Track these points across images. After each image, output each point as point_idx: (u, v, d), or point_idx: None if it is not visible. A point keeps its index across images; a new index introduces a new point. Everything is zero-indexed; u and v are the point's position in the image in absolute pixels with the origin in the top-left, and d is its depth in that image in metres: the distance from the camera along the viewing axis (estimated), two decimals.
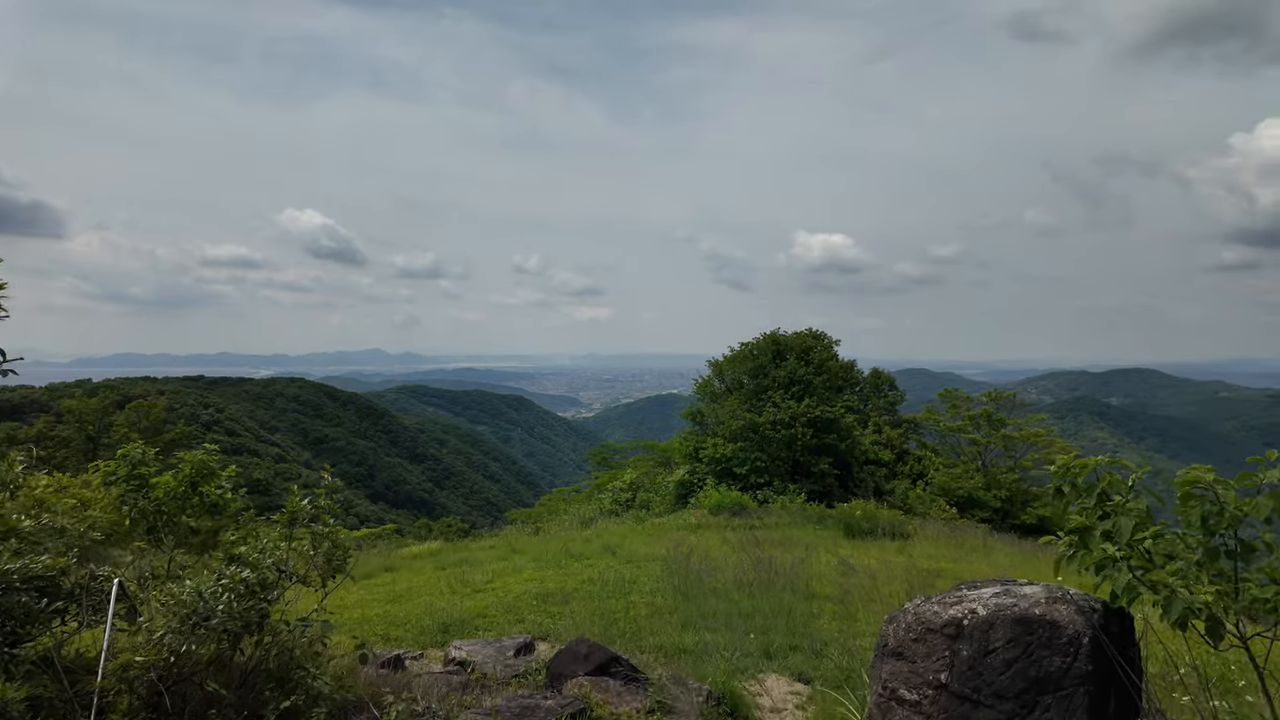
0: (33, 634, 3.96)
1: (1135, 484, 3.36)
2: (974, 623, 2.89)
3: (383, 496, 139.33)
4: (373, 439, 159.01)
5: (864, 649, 7.47)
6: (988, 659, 2.80)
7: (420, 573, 15.47)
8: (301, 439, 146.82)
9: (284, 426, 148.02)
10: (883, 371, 38.38)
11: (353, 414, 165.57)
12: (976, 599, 2.99)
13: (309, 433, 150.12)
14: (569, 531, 22.40)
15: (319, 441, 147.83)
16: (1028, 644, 2.76)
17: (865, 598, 10.40)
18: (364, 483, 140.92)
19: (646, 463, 34.99)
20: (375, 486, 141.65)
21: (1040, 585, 3.03)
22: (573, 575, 13.01)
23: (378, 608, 11.66)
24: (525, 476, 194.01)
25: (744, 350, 27.80)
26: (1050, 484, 3.45)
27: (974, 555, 16.95)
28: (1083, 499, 3.46)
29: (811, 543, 17.06)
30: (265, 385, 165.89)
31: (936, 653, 2.94)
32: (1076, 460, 3.46)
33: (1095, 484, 3.46)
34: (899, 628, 3.21)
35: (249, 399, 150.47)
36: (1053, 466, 3.44)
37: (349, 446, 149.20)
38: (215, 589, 3.92)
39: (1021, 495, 33.76)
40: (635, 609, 9.84)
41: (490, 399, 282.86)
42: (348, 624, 10.53)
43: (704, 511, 21.92)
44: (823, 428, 25.06)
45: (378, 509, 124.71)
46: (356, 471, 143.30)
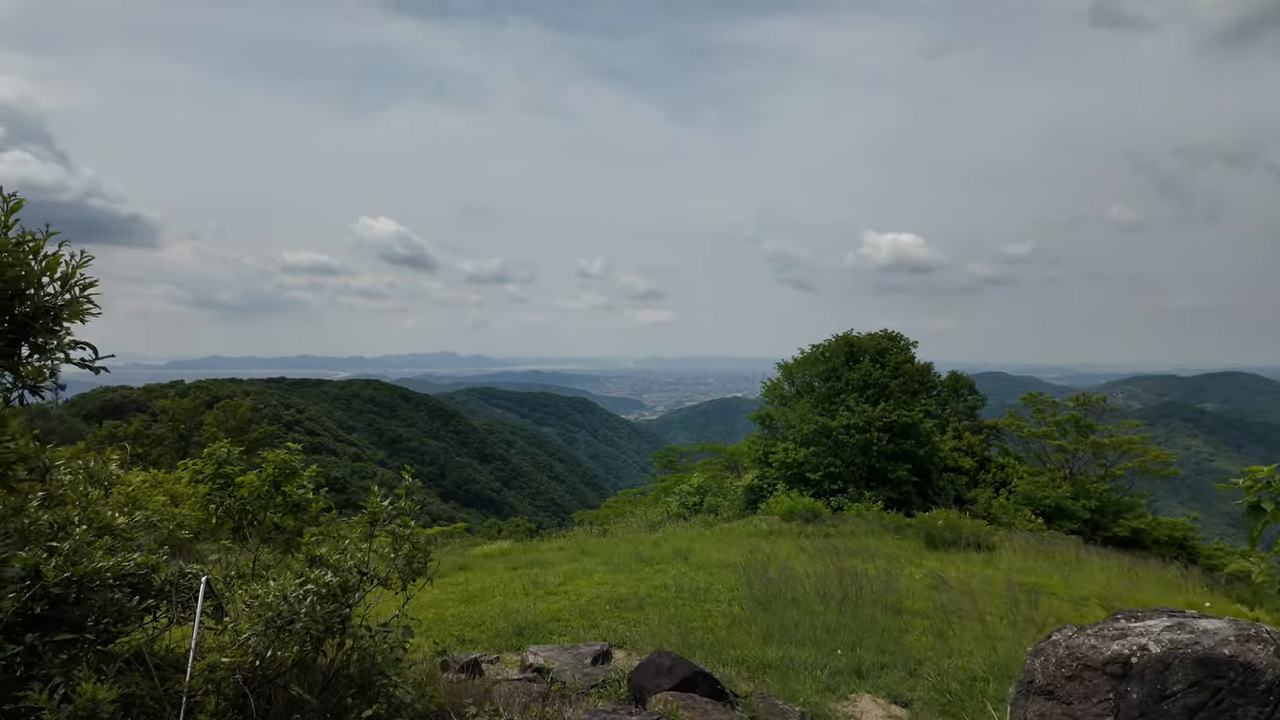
0: (125, 631, 3.94)
1: None
2: (1145, 661, 2.47)
3: (453, 495, 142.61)
4: (444, 439, 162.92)
5: (960, 669, 6.97)
6: (1164, 705, 2.37)
7: (493, 573, 15.52)
8: (377, 439, 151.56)
9: (360, 426, 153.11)
10: (961, 375, 36.86)
11: (425, 415, 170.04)
12: (1145, 633, 2.56)
13: (384, 433, 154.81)
14: (637, 535, 22.19)
15: (393, 441, 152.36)
16: (1215, 689, 2.33)
17: (959, 614, 9.80)
18: (435, 482, 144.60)
19: (713, 466, 34.52)
20: (446, 485, 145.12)
21: (1225, 620, 2.58)
22: (644, 580, 12.77)
23: (453, 608, 11.67)
24: (590, 478, 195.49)
25: (815, 352, 27.04)
26: (1245, 498, 2.97)
27: (1071, 569, 15.92)
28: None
29: (892, 553, 16.37)
30: (343, 387, 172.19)
31: (1097, 694, 2.53)
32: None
33: None
34: (1049, 662, 2.80)
35: (328, 400, 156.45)
36: (1241, 481, 2.96)
37: (421, 446, 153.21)
38: (299, 592, 3.82)
39: (1113, 506, 31.78)
40: (711, 618, 9.52)
41: (555, 401, 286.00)
42: (424, 624, 10.56)
43: (775, 518, 21.36)
44: (900, 433, 24.10)
45: (449, 508, 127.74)
46: (428, 471, 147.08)
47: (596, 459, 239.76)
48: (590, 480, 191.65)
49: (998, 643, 8.62)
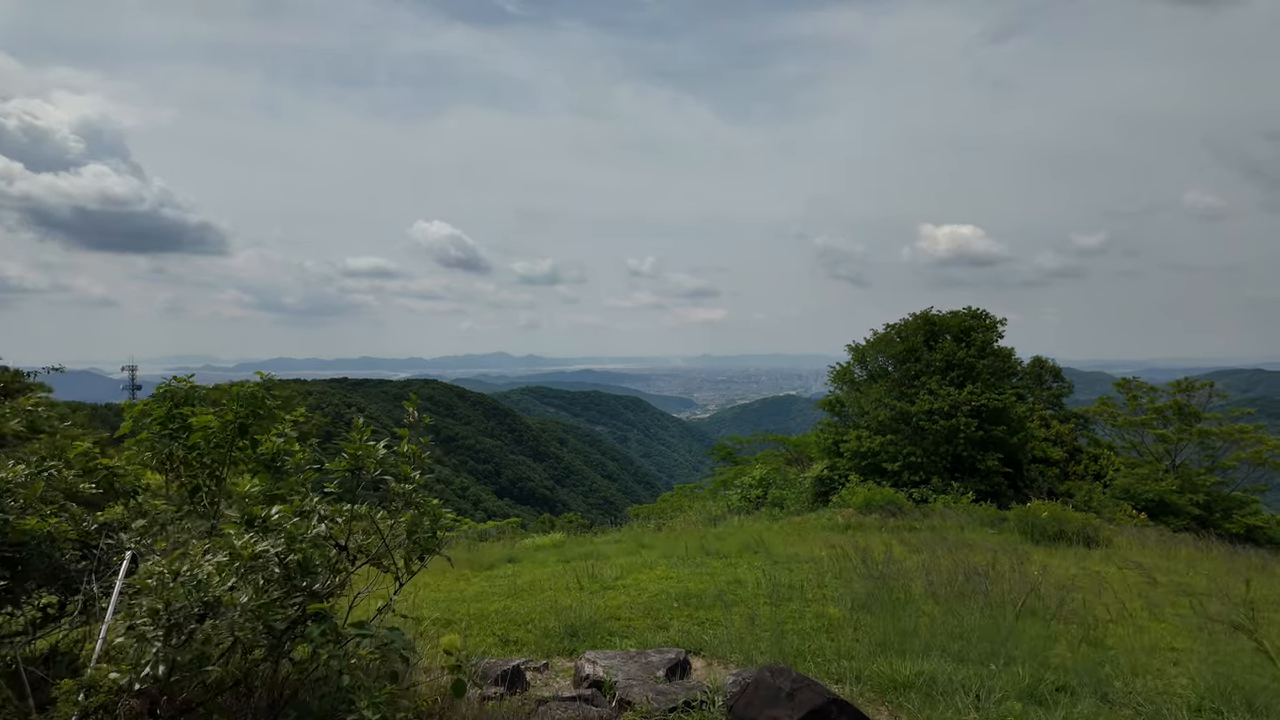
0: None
1: None
2: None
3: (508, 493, 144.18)
4: (499, 438, 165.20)
5: (1161, 693, 5.19)
6: None
7: (543, 565, 14.17)
8: (434, 437, 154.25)
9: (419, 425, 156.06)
10: (1046, 360, 34.06)
11: (480, 414, 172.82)
12: None
13: (441, 431, 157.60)
14: (697, 528, 20.64)
15: (450, 439, 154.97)
16: None
17: (1102, 618, 7.92)
18: (490, 479, 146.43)
19: (775, 459, 32.58)
20: (501, 483, 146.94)
21: None
22: (713, 575, 11.15)
23: (497, 602, 10.30)
24: (642, 476, 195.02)
25: (889, 332, 24.87)
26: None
27: (1200, 566, 13.65)
28: None
29: (990, 548, 14.36)
30: (402, 386, 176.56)
31: None
32: None
33: None
34: None
35: (388, 399, 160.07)
36: None
37: (477, 445, 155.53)
38: (218, 573, 2.36)
39: (1223, 501, 28.71)
40: (804, 620, 7.85)
41: (607, 400, 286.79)
42: (463, 620, 9.21)
43: (851, 510, 19.45)
44: (989, 418, 21.80)
45: (503, 504, 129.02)
46: (484, 469, 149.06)
47: (649, 457, 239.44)
48: (643, 479, 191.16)
49: (1177, 654, 6.75)
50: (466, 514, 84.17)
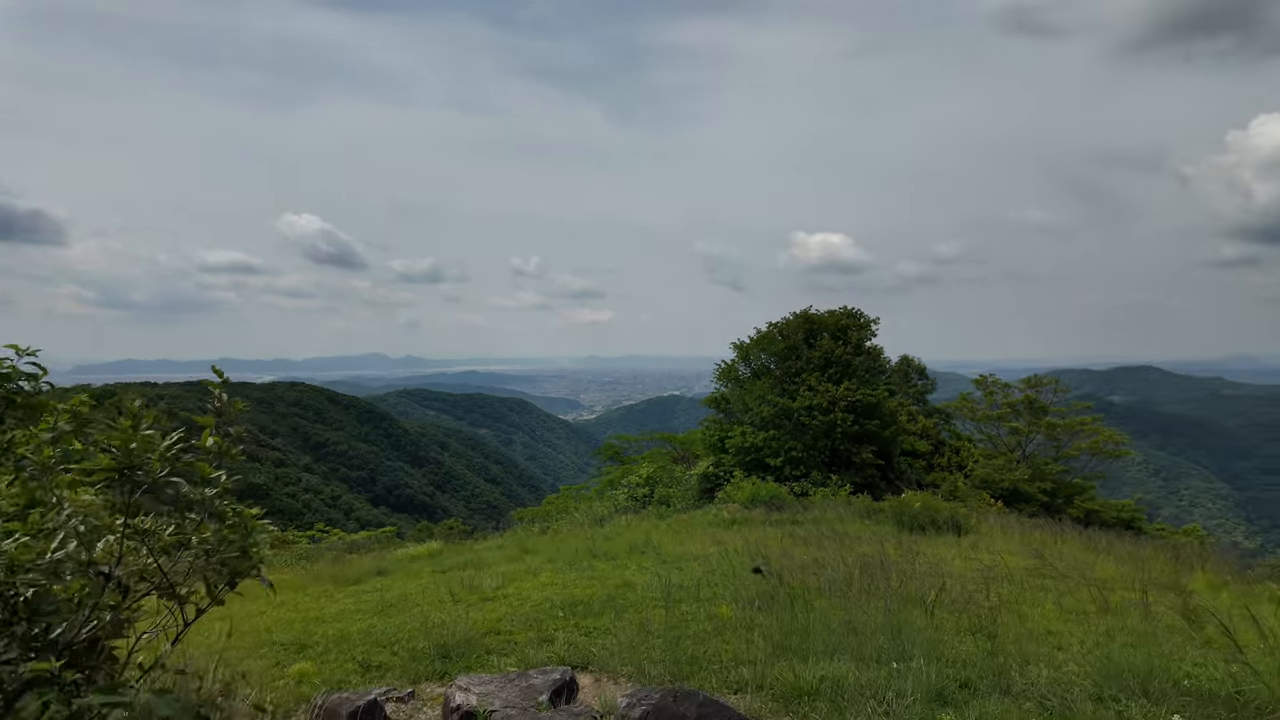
0: None
1: None
2: None
3: (384, 500, 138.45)
4: (374, 443, 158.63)
5: (1055, 681, 5.12)
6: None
7: (417, 577, 13.16)
8: (302, 443, 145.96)
9: (284, 431, 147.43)
10: (912, 358, 36.00)
11: (354, 418, 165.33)
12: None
13: (310, 437, 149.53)
14: (584, 530, 20.08)
15: (320, 446, 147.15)
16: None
17: (986, 605, 8.02)
18: (365, 487, 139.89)
19: (661, 457, 32.55)
20: (376, 490, 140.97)
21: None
22: (602, 579, 10.61)
23: (361, 621, 9.31)
24: (527, 479, 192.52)
25: (772, 330, 25.34)
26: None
27: (1064, 550, 14.54)
28: None
29: (869, 538, 14.68)
30: (266, 390, 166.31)
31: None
32: None
33: None
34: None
35: (249, 403, 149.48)
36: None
37: (350, 451, 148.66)
38: None
39: (1066, 488, 31.35)
40: (697, 623, 7.44)
41: (491, 402, 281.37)
42: (320, 643, 8.19)
43: (736, 506, 19.50)
44: (864, 413, 22.59)
45: (379, 513, 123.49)
46: (357, 476, 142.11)
47: (534, 460, 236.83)
48: (528, 482, 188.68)
49: (1057, 639, 6.86)
50: (337, 524, 79.45)
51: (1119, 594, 9.06)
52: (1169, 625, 6.54)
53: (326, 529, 42.26)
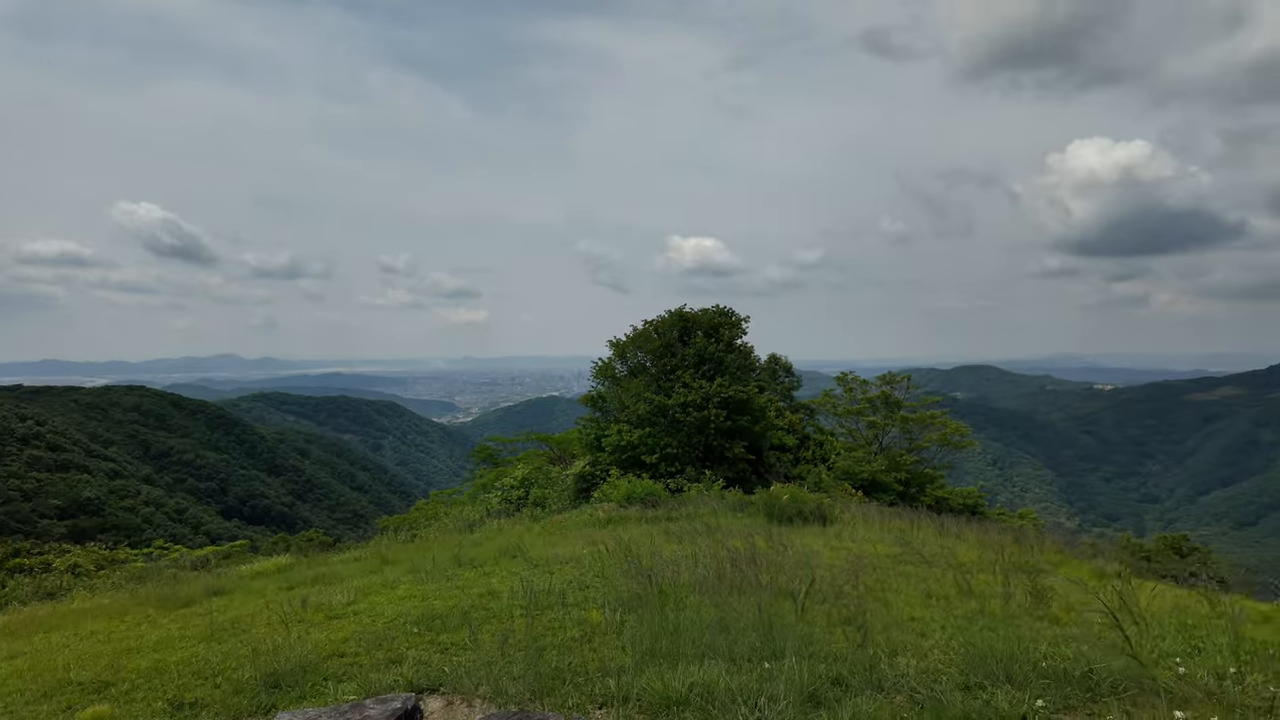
0: None
1: None
2: None
3: (237, 512, 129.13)
4: (226, 451, 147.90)
5: (923, 671, 5.08)
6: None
7: (259, 595, 11.88)
8: (142, 453, 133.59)
9: (121, 439, 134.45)
10: (780, 357, 37.24)
11: (202, 424, 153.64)
12: None
13: (151, 445, 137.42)
14: (452, 536, 19.15)
15: (162, 455, 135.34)
16: None
17: (851, 594, 8.10)
18: (215, 498, 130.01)
19: (538, 458, 31.83)
20: (228, 502, 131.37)
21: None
22: (466, 589, 9.93)
23: (183, 650, 8.18)
24: (398, 486, 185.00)
25: (648, 328, 25.33)
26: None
27: (922, 536, 15.29)
28: None
29: (741, 531, 14.80)
30: (99, 395, 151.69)
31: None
32: None
33: None
34: None
35: (78, 410, 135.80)
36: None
37: (198, 460, 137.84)
38: None
39: (919, 478, 33.48)
40: (565, 630, 6.98)
41: (358, 406, 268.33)
42: (129, 679, 7.07)
43: (612, 504, 19.22)
44: (736, 409, 22.98)
45: (231, 526, 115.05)
46: (207, 486, 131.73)
47: (406, 465, 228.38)
48: (399, 488, 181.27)
49: (920, 625, 6.96)
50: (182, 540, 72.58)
51: (975, 577, 9.47)
52: (1020, 605, 6.80)
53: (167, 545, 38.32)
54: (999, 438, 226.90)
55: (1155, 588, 8.81)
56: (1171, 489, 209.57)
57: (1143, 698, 4.12)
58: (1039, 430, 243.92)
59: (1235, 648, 5.14)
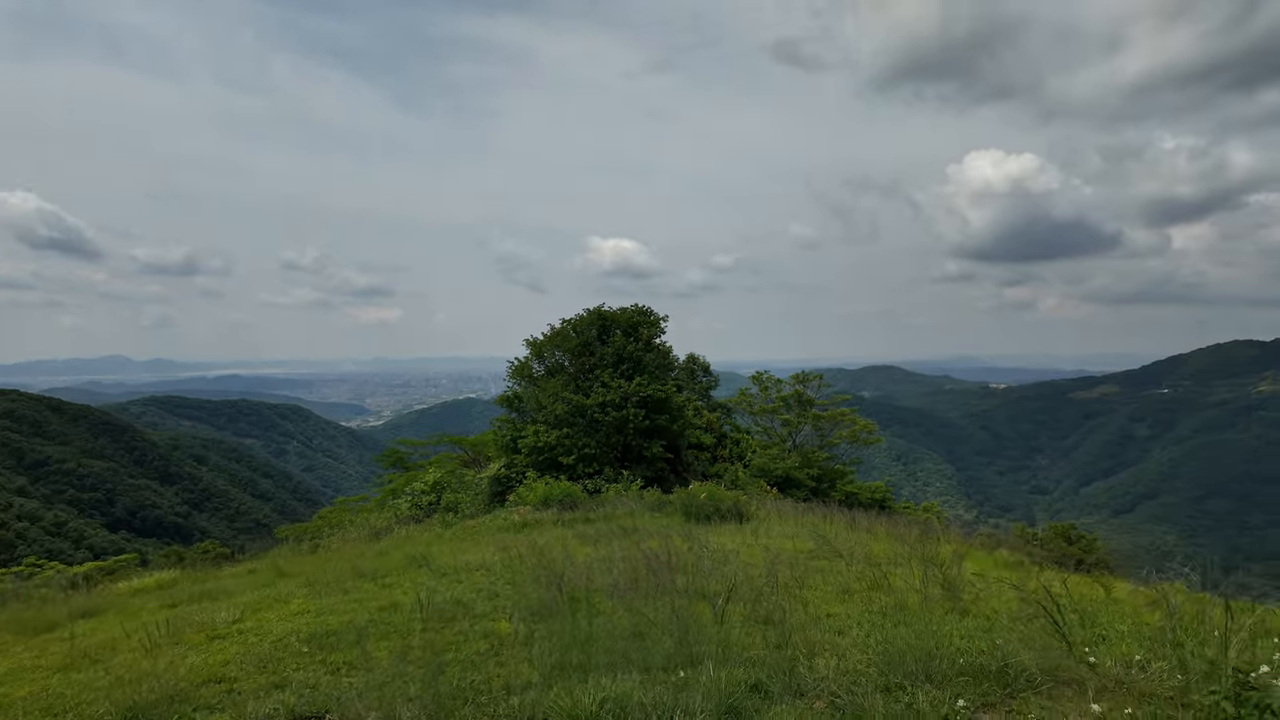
0: None
1: None
2: None
3: (125, 524, 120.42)
4: (112, 459, 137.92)
5: (842, 673, 4.94)
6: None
7: (135, 615, 10.81)
8: (14, 462, 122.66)
9: None
10: (698, 356, 37.50)
11: (85, 431, 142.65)
12: None
13: (25, 454, 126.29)
14: (356, 545, 18.20)
15: (39, 464, 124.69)
16: None
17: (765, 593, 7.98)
18: (100, 509, 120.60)
19: (451, 461, 30.83)
20: (115, 513, 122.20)
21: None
22: (365, 602, 9.29)
23: (35, 682, 7.27)
24: (304, 493, 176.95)
25: (566, 327, 24.86)
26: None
27: (835, 531, 15.49)
28: None
29: (659, 532, 14.62)
30: None
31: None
32: None
33: None
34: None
35: None
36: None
37: (80, 469, 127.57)
38: None
39: (830, 474, 34.34)
40: (470, 643, 6.53)
41: (260, 409, 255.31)
42: None
43: (528, 508, 18.70)
44: (654, 408, 22.83)
45: (118, 539, 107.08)
46: (91, 498, 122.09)
47: (313, 471, 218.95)
48: (305, 495, 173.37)
49: (837, 622, 6.89)
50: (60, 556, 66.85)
51: (887, 569, 9.56)
52: (932, 597, 6.84)
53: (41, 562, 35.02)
54: (903, 434, 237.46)
55: (1055, 575, 9.11)
56: (1058, 481, 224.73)
57: (1058, 690, 4.11)
58: (940, 427, 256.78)
59: (1137, 634, 5.27)
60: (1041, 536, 33.32)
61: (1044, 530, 36.74)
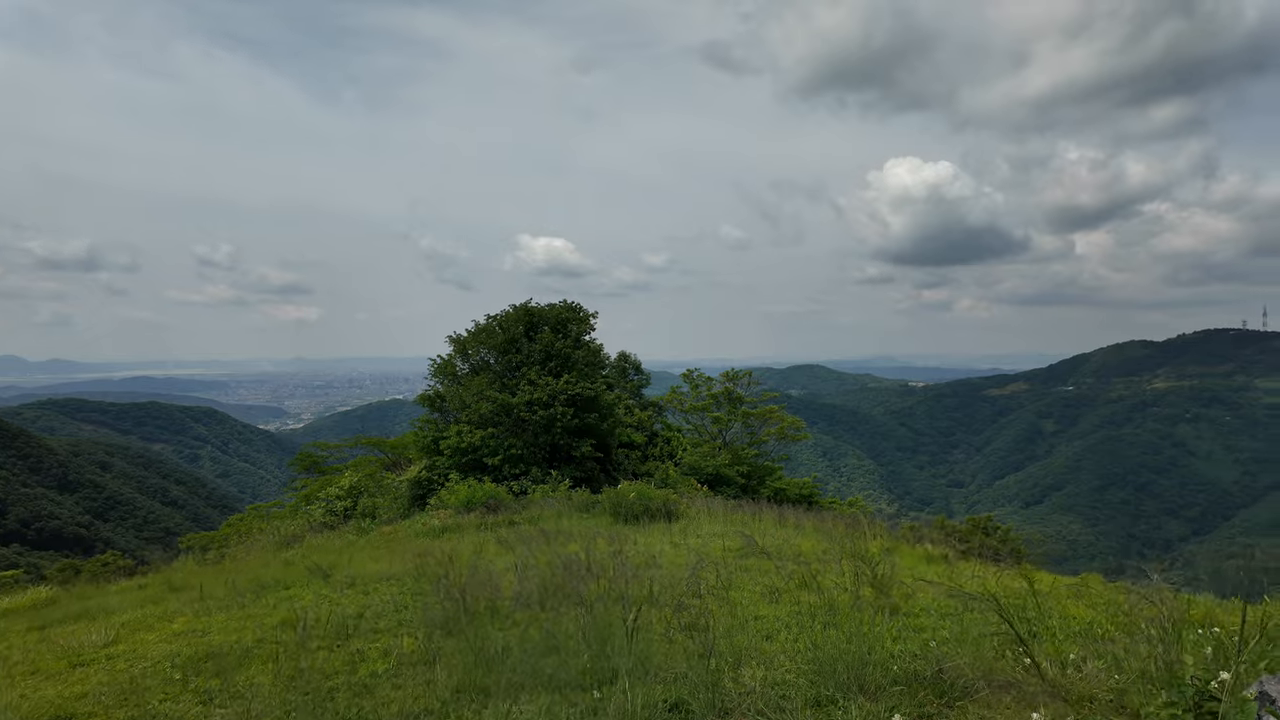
0: None
1: None
2: None
3: (18, 537, 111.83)
4: (3, 466, 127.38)
5: (770, 684, 4.61)
6: None
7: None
8: None
9: None
10: (629, 354, 37.15)
11: None
12: None
13: None
14: (264, 555, 17.08)
15: None
16: None
17: (685, 595, 7.64)
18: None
19: (370, 464, 29.51)
20: (8, 525, 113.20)
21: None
22: (261, 618, 8.50)
23: None
24: (219, 499, 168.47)
25: (491, 323, 24.02)
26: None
27: (764, 528, 15.35)
28: None
29: (585, 534, 14.16)
30: None
31: None
32: None
33: None
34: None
35: None
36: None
37: None
38: None
39: (759, 470, 34.56)
40: (369, 663, 5.93)
41: (170, 412, 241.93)
42: None
43: (449, 511, 17.90)
44: (583, 407, 22.29)
45: (9, 553, 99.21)
46: None
47: (228, 477, 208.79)
48: (219, 502, 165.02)
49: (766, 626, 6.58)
50: None
51: (816, 566, 9.37)
52: (862, 595, 6.62)
53: None
54: (829, 431, 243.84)
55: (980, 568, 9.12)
56: (974, 474, 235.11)
57: (995, 697, 3.88)
58: (862, 424, 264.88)
59: (1066, 629, 5.15)
60: (961, 529, 34.39)
61: (963, 522, 37.96)
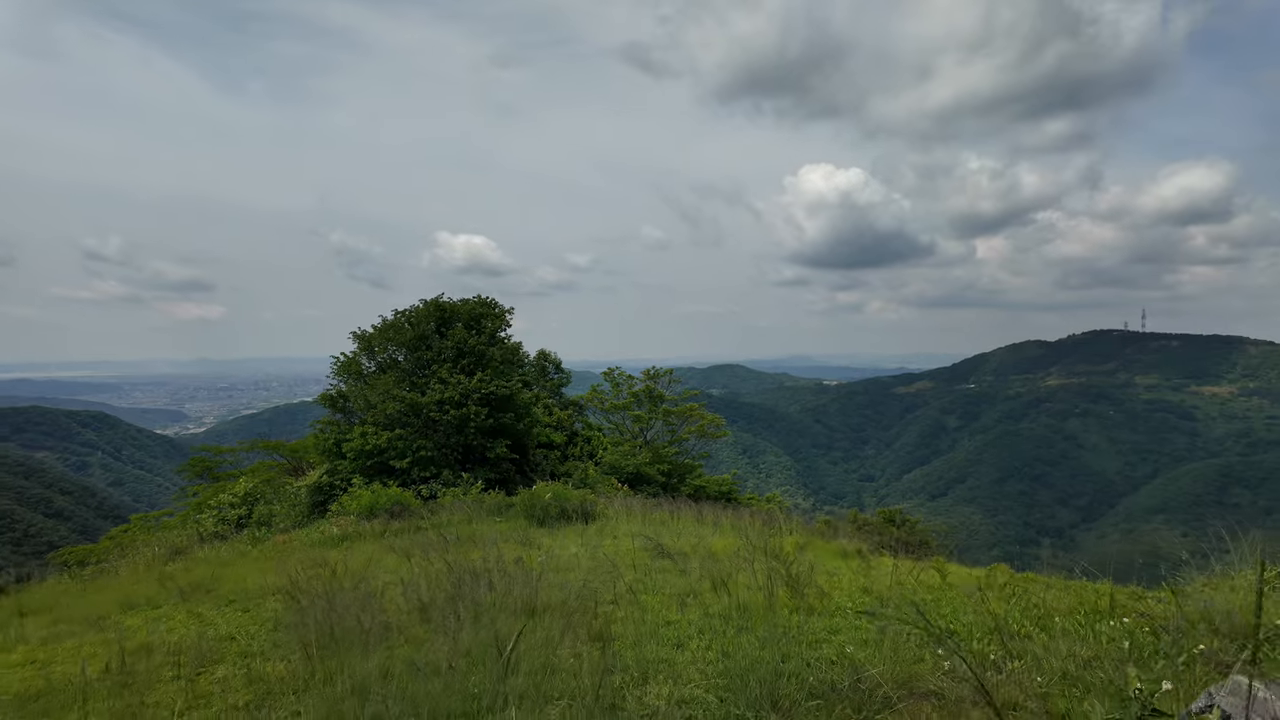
0: None
1: None
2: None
3: None
4: None
5: (677, 701, 4.21)
6: None
7: None
8: None
9: None
10: (549, 353, 36.44)
11: None
12: None
13: None
14: (144, 570, 15.59)
15: None
16: None
17: (606, 599, 7.20)
18: None
19: (269, 469, 27.74)
20: None
21: None
22: (112, 643, 7.51)
23: None
24: (110, 510, 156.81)
25: (400, 319, 22.86)
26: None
27: (681, 527, 15.07)
28: None
29: (497, 538, 13.52)
30: None
31: None
32: None
33: None
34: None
35: None
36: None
37: None
38: None
39: (680, 468, 34.51)
40: (230, 695, 5.20)
41: (55, 417, 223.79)
42: None
43: (350, 518, 16.83)
44: (498, 406, 21.47)
45: None
46: None
47: (121, 485, 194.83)
48: (110, 513, 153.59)
49: (676, 632, 6.20)
50: None
51: (729, 565, 9.09)
52: (776, 596, 6.35)
53: None
54: (748, 429, 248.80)
55: (892, 562, 9.06)
56: (883, 469, 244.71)
57: (916, 706, 3.61)
58: (779, 422, 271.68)
59: (983, 624, 4.99)
60: (873, 522, 35.33)
61: (874, 516, 39.06)
